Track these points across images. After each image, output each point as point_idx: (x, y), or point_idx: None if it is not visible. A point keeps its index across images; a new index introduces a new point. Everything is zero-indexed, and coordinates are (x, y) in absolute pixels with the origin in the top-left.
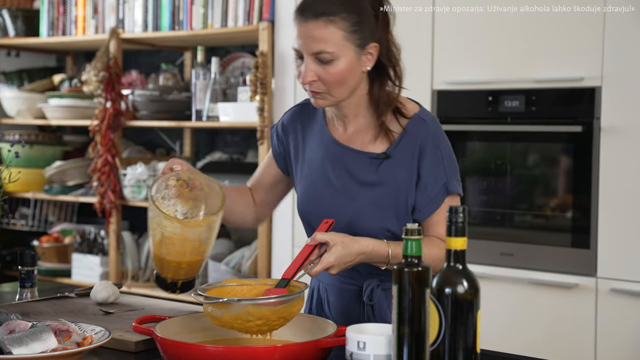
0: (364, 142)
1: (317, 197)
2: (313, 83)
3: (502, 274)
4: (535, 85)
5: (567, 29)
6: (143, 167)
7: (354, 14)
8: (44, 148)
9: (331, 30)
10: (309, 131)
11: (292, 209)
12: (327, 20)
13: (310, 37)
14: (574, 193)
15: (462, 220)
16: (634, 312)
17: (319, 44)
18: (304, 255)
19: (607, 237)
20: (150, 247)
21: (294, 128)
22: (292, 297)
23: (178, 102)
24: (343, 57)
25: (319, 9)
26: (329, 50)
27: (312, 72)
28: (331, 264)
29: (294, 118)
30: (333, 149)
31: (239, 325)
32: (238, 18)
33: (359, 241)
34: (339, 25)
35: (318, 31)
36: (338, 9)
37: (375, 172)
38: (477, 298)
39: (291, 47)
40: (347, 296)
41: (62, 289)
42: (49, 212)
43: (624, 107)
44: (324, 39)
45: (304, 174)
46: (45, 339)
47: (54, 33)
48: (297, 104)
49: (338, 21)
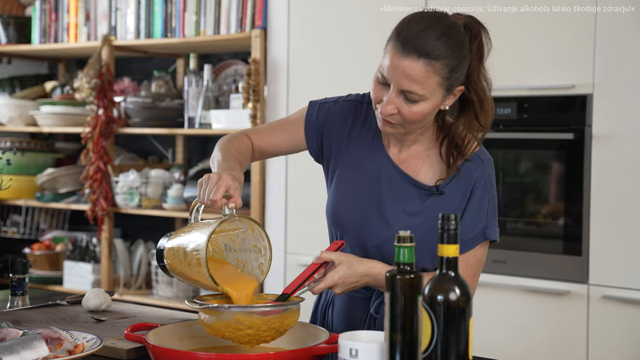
0: (415, 169)
1: (358, 208)
2: (392, 115)
3: (494, 281)
4: (527, 92)
5: (558, 37)
6: (135, 174)
7: (455, 60)
8: (36, 155)
9: (429, 75)
10: (358, 135)
11: (285, 215)
12: (428, 62)
13: (405, 74)
14: (566, 200)
15: (454, 227)
16: (625, 319)
17: (412, 84)
18: (308, 273)
19: (599, 244)
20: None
21: (342, 123)
22: (283, 307)
23: (170, 109)
24: (430, 100)
25: (424, 49)
26: (419, 93)
27: (394, 105)
28: (335, 283)
29: (344, 113)
30: (386, 167)
31: (230, 334)
32: (230, 25)
33: (366, 262)
34: (438, 71)
35: (415, 71)
36: (443, 53)
37: (422, 203)
38: (470, 305)
39: (378, 71)
40: (354, 304)
41: (53, 296)
42: (40, 220)
43: (615, 114)
44: (419, 81)
45: (345, 177)
46: (37, 347)
47: (46, 40)
48: (350, 100)
49: (438, 67)
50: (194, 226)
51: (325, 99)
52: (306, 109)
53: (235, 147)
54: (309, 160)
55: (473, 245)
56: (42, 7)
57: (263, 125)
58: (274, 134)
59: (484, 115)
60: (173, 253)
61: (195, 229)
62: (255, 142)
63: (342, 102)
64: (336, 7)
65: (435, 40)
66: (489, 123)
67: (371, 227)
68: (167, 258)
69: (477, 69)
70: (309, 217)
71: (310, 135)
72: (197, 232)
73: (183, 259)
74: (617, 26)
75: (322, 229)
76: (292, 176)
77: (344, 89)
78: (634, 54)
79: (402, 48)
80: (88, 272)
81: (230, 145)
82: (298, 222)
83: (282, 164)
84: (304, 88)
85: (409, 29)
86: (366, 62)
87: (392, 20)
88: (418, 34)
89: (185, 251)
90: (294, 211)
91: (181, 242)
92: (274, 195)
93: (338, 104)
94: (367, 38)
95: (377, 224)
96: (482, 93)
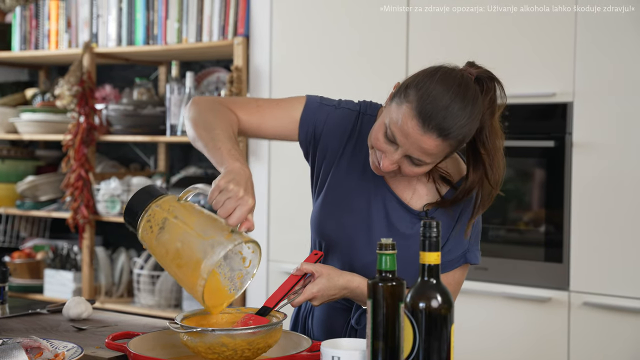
0: (407, 193)
1: (346, 225)
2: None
3: (476, 288)
4: (509, 100)
5: (539, 46)
6: (117, 182)
7: (468, 131)
8: (16, 163)
9: (443, 149)
10: (353, 147)
11: (267, 224)
12: (445, 139)
13: (419, 146)
14: (547, 207)
15: (435, 235)
16: (606, 326)
17: (424, 155)
18: (289, 285)
19: (580, 251)
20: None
21: (339, 133)
22: (267, 328)
23: (152, 117)
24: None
25: (446, 130)
26: (427, 162)
27: (397, 165)
28: (314, 295)
29: (344, 122)
30: (379, 188)
31: (213, 356)
32: (213, 33)
33: (345, 275)
34: (452, 144)
35: (431, 147)
36: (461, 131)
37: (412, 227)
38: (451, 312)
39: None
40: (334, 314)
41: (33, 305)
42: (20, 228)
43: (596, 122)
44: (431, 154)
45: (336, 187)
46: (16, 356)
47: (27, 47)
48: (349, 108)
49: (453, 142)
50: (193, 216)
51: (323, 100)
52: (303, 103)
53: (229, 122)
54: (292, 168)
55: (453, 267)
56: (22, 14)
57: (246, 100)
58: (265, 116)
59: (494, 173)
60: (159, 236)
61: (196, 226)
62: (243, 121)
63: (342, 109)
64: (318, 15)
65: (458, 121)
66: (499, 183)
67: (359, 247)
68: (146, 231)
69: (488, 123)
70: (291, 225)
71: (304, 133)
72: (200, 231)
73: (173, 253)
74: (596, 36)
75: (305, 237)
76: (275, 184)
77: (327, 95)
78: (614, 63)
79: (423, 124)
80: (69, 280)
81: (223, 119)
82: (281, 230)
83: (264, 171)
84: (287, 95)
85: (433, 103)
86: (349, 69)
87: (374, 25)
88: (442, 113)
89: (180, 248)
90: (277, 219)
91: (176, 232)
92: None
93: (338, 111)
94: (350, 44)
95: (364, 244)
96: (493, 149)
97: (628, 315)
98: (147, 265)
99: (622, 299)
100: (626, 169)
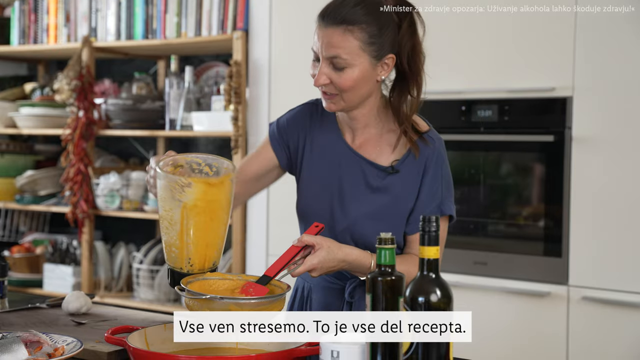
0: (372, 153)
1: (322, 199)
2: (326, 85)
3: (475, 282)
4: (508, 95)
5: (538, 40)
6: (116, 177)
7: (374, 26)
8: (15, 157)
9: (348, 39)
10: (318, 132)
11: (267, 218)
12: (345, 28)
13: (327, 42)
14: (546, 202)
15: (435, 229)
16: (605, 320)
17: (335, 49)
18: (289, 256)
19: (579, 246)
20: (166, 241)
21: (302, 125)
22: (275, 298)
23: (151, 111)
24: (357, 65)
25: (340, 16)
26: (343, 57)
27: (325, 75)
28: (314, 267)
29: (301, 115)
30: (346, 154)
31: None
32: (212, 27)
33: (344, 248)
34: (357, 35)
35: (335, 38)
36: (359, 18)
37: (382, 180)
38: (450, 306)
39: (311, 48)
40: (330, 294)
41: (33, 299)
42: (20, 222)
43: (595, 116)
44: (340, 46)
45: (311, 174)
46: (16, 350)
47: (25, 41)
48: (305, 103)
49: (356, 31)
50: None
51: (279, 116)
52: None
53: None
54: None
55: None
56: (21, 8)
57: None
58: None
59: (417, 89)
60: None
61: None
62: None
63: (298, 108)
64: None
65: (351, 8)
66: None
67: (337, 214)
68: (173, 257)
69: (409, 44)
70: (290, 220)
71: (279, 150)
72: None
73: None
74: (596, 30)
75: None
76: None
77: None
78: (613, 57)
79: (323, 20)
80: (68, 274)
81: None
82: (280, 224)
83: None
84: (286, 90)
85: (329, 4)
86: None
87: None
88: (336, 5)
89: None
90: (276, 214)
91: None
92: (256, 198)
93: (293, 111)
94: None
95: (343, 207)
96: (415, 67)
97: (627, 309)
98: (146, 259)
99: (621, 294)
100: (625, 163)
